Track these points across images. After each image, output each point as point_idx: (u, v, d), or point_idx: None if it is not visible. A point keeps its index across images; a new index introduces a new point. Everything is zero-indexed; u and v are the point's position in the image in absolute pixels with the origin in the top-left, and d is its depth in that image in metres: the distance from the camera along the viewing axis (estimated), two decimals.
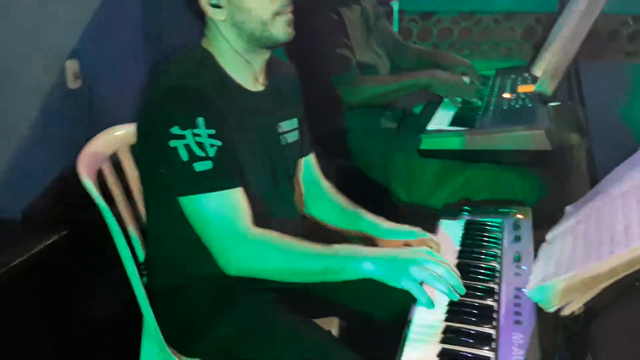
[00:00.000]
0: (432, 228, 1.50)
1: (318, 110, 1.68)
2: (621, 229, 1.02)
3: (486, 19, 3.22)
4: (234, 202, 1.25)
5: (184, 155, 1.21)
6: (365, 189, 2.14)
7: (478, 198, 1.86)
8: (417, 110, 2.41)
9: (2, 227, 1.76)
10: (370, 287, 1.34)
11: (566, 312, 1.03)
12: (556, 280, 1.02)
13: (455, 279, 1.19)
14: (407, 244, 1.44)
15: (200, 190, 1.23)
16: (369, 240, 1.50)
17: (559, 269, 1.06)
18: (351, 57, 2.12)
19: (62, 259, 1.67)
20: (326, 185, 1.60)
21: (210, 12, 1.30)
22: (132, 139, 1.49)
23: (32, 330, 1.66)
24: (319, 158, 1.63)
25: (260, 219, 1.31)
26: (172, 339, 1.40)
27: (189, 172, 1.22)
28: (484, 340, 1.07)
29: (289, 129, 1.48)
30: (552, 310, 1.05)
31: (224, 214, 1.24)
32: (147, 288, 1.42)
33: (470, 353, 1.04)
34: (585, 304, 1.01)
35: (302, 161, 1.57)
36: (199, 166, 1.21)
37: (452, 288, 1.18)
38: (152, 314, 1.39)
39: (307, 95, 1.58)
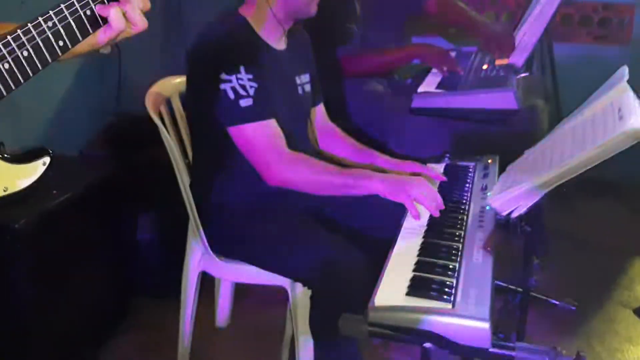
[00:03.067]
0: None
1: (322, 75, 1.99)
2: (559, 154, 1.39)
3: (472, 3, 3.53)
4: (272, 128, 1.62)
5: (231, 95, 1.57)
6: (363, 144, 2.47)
7: (458, 150, 2.21)
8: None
9: (66, 162, 2.09)
10: (371, 212, 1.72)
11: (514, 214, 1.41)
12: (508, 191, 1.40)
13: (437, 201, 1.56)
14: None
15: (246, 120, 1.59)
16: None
17: (512, 185, 1.44)
18: (357, 31, 2.45)
19: (116, 188, 2.01)
20: (336, 127, 1.98)
21: None
22: (183, 88, 1.84)
23: (92, 244, 2.01)
24: None
25: None
26: (215, 245, 1.75)
27: (236, 108, 1.58)
28: (455, 236, 1.43)
29: (305, 81, 1.84)
30: (504, 214, 1.43)
31: (265, 138, 1.60)
32: (195, 205, 1.76)
33: (445, 243, 1.41)
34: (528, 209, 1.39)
35: (315, 109, 1.94)
36: (243, 102, 1.58)
37: (434, 207, 1.55)
38: (199, 225, 1.74)
39: (316, 61, 1.92)
